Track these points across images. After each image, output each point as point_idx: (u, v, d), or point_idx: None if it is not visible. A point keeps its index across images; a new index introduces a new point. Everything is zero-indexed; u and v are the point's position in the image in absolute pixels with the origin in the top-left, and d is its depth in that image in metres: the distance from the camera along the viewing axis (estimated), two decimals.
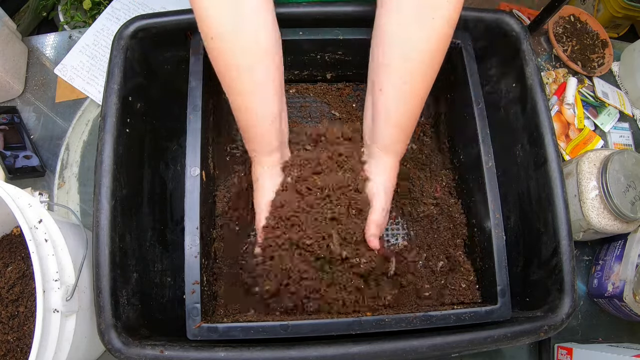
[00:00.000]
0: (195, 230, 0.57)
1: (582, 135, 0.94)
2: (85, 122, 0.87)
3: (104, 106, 0.61)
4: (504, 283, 0.59)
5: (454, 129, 0.73)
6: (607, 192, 0.73)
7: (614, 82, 1.02)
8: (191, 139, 0.60)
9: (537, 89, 0.65)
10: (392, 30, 0.55)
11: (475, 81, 0.65)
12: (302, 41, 0.66)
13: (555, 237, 0.61)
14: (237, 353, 0.52)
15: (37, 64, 0.91)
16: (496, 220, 0.60)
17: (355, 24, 0.66)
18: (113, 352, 0.53)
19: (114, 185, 0.58)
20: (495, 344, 0.55)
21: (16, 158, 0.81)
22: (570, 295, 0.59)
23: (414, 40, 0.53)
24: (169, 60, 0.70)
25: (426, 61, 0.55)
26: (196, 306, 0.55)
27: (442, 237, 0.70)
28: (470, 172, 0.66)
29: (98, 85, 0.88)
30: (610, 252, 0.81)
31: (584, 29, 1.04)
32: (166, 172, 0.73)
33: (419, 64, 0.55)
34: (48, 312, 0.54)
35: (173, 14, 0.64)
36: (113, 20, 0.94)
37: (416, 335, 0.54)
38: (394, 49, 0.55)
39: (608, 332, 0.83)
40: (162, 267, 0.68)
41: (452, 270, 0.67)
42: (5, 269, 0.67)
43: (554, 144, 0.63)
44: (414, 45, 0.54)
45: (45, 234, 0.57)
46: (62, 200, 0.82)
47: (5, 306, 0.65)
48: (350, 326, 0.54)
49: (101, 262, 0.56)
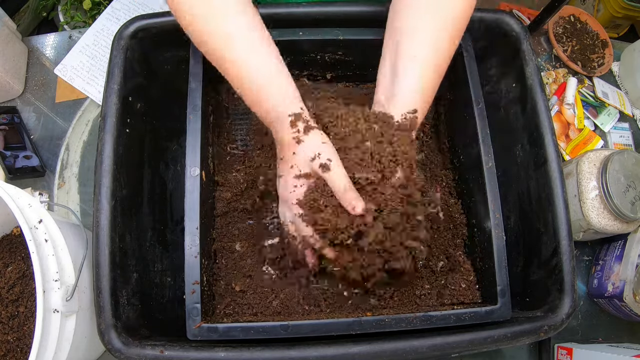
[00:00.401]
0: (195, 230, 0.57)
1: (582, 135, 0.94)
2: (85, 122, 0.87)
3: (104, 106, 0.61)
4: (504, 283, 0.59)
5: (454, 129, 0.73)
6: (607, 192, 0.73)
7: (614, 82, 1.02)
8: (191, 139, 0.60)
9: (537, 89, 0.65)
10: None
11: (475, 81, 0.65)
12: (302, 41, 0.66)
13: (555, 237, 0.61)
14: (237, 353, 0.52)
15: (37, 64, 0.91)
16: (496, 220, 0.60)
17: (355, 24, 0.66)
18: (113, 352, 0.53)
19: (114, 185, 0.58)
20: (495, 344, 0.55)
21: (16, 158, 0.81)
22: (570, 295, 0.59)
23: (446, 7, 0.56)
24: (169, 60, 0.70)
25: (457, 27, 0.57)
26: (196, 306, 0.55)
27: (442, 237, 0.70)
28: (470, 172, 0.66)
29: (98, 85, 0.88)
30: (610, 252, 0.81)
31: (584, 29, 1.04)
32: (166, 172, 0.73)
33: (451, 30, 0.56)
34: (48, 312, 0.54)
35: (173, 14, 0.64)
36: (113, 20, 0.94)
37: (416, 336, 0.54)
38: (425, 14, 0.56)
39: (608, 332, 0.83)
40: (162, 267, 0.68)
41: (452, 270, 0.67)
42: (5, 269, 0.67)
43: (554, 144, 0.63)
44: (446, 12, 0.56)
45: (45, 234, 0.57)
46: (62, 200, 0.82)
47: (5, 306, 0.65)
48: (350, 326, 0.54)
49: (101, 262, 0.56)
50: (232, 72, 0.55)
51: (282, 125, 0.54)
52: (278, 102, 0.54)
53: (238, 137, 0.73)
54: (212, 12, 0.53)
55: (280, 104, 0.54)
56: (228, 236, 0.67)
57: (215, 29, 0.54)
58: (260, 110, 0.56)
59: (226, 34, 0.54)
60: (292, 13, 0.65)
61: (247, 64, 0.54)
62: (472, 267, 0.67)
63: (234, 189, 0.69)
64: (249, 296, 0.63)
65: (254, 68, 0.54)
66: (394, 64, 0.58)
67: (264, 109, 0.55)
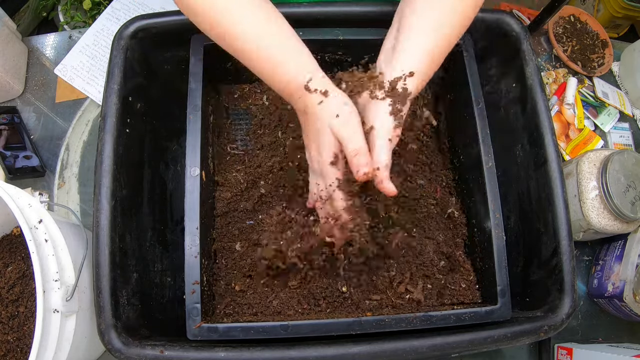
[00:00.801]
0: (195, 230, 0.57)
1: (582, 135, 0.94)
2: (85, 122, 0.87)
3: (104, 106, 0.61)
4: (504, 283, 0.59)
5: (454, 129, 0.73)
6: (607, 192, 0.73)
7: (614, 82, 1.02)
8: (191, 139, 0.60)
9: (537, 89, 0.65)
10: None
11: (475, 81, 0.65)
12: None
13: (555, 237, 0.61)
14: (237, 353, 0.52)
15: (37, 64, 0.91)
16: (496, 220, 0.60)
17: (355, 24, 0.66)
18: (113, 352, 0.53)
19: (114, 185, 0.58)
20: (495, 344, 0.55)
21: (16, 158, 0.81)
22: (570, 295, 0.59)
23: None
24: (169, 60, 0.70)
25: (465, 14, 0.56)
26: (196, 306, 0.55)
27: (443, 237, 0.70)
28: (470, 172, 0.66)
29: (98, 85, 0.88)
30: (610, 252, 0.81)
31: (584, 29, 1.04)
32: (166, 172, 0.73)
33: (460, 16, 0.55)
34: (48, 312, 0.54)
35: (173, 14, 0.64)
36: (113, 20, 0.94)
37: (416, 336, 0.54)
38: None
39: (608, 332, 0.83)
40: (162, 267, 0.68)
41: (452, 270, 0.67)
42: (5, 269, 0.67)
43: (554, 144, 0.63)
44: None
45: (45, 234, 0.57)
46: (62, 200, 0.82)
47: (5, 306, 0.65)
48: (350, 326, 0.54)
49: (101, 262, 0.56)
50: (246, 48, 0.54)
51: (304, 93, 0.53)
52: (298, 73, 0.53)
53: (238, 137, 0.73)
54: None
55: (300, 74, 0.53)
56: (228, 236, 0.67)
57: (226, 6, 0.53)
58: (280, 84, 0.54)
59: (237, 8, 0.53)
60: (292, 13, 0.65)
61: (261, 39, 0.53)
62: (472, 267, 0.67)
63: (234, 189, 0.69)
64: (249, 296, 0.63)
65: (268, 42, 0.53)
66: (396, 36, 0.57)
67: (284, 81, 0.54)
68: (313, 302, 0.63)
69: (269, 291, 0.63)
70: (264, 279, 0.64)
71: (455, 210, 0.70)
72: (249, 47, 0.53)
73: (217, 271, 0.65)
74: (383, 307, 0.63)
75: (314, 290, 0.63)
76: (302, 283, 0.63)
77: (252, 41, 0.53)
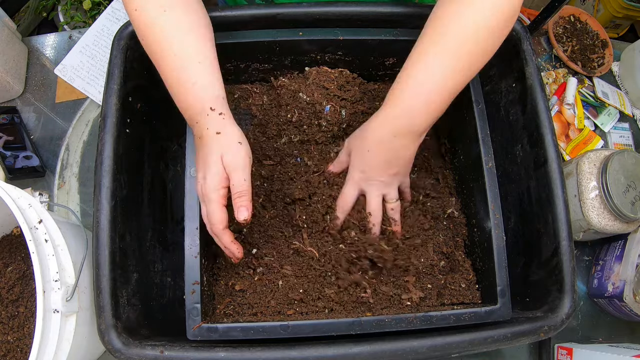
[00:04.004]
0: (195, 230, 0.57)
1: (582, 135, 0.94)
2: (85, 122, 0.87)
3: (104, 106, 0.61)
4: (504, 283, 0.59)
5: (454, 129, 0.73)
6: (607, 192, 0.73)
7: (614, 82, 1.02)
8: (191, 139, 0.60)
9: (537, 89, 0.65)
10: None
11: (475, 81, 0.65)
12: (302, 41, 0.66)
13: (555, 238, 0.61)
14: (237, 353, 0.52)
15: (37, 64, 0.91)
16: (496, 220, 0.60)
17: (355, 24, 0.66)
18: (113, 353, 0.53)
19: (114, 185, 0.58)
20: (495, 344, 0.55)
21: (16, 158, 0.81)
22: (570, 295, 0.59)
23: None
24: None
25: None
26: (196, 306, 0.55)
27: (443, 237, 0.70)
28: (470, 172, 0.66)
29: (98, 86, 0.88)
30: (610, 252, 0.81)
31: (584, 29, 1.04)
32: (166, 173, 0.73)
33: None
34: (48, 312, 0.54)
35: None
36: (113, 20, 0.94)
37: (416, 336, 0.54)
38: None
39: (608, 332, 0.83)
40: (162, 267, 0.68)
41: (452, 270, 0.67)
42: (5, 269, 0.67)
43: (554, 144, 0.63)
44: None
45: (46, 234, 0.57)
46: (62, 201, 0.82)
47: (5, 306, 0.65)
48: (350, 326, 0.54)
49: (101, 262, 0.56)
50: (160, 68, 0.57)
51: (202, 121, 0.55)
52: (202, 99, 0.55)
53: None
54: (147, 6, 0.55)
55: (202, 101, 0.55)
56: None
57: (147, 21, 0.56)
58: (183, 104, 0.57)
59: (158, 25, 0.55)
60: (292, 13, 0.65)
61: (176, 60, 0.55)
62: (472, 267, 0.67)
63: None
64: (248, 296, 0.63)
65: (180, 64, 0.55)
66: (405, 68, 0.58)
67: (187, 104, 0.56)
68: (312, 303, 0.63)
69: (268, 291, 0.63)
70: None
71: (455, 210, 0.70)
72: (164, 64, 0.56)
73: (217, 271, 0.65)
74: (383, 307, 0.63)
75: (311, 291, 0.63)
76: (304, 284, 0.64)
77: (168, 59, 0.55)
